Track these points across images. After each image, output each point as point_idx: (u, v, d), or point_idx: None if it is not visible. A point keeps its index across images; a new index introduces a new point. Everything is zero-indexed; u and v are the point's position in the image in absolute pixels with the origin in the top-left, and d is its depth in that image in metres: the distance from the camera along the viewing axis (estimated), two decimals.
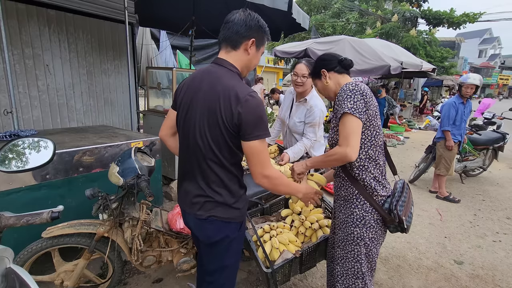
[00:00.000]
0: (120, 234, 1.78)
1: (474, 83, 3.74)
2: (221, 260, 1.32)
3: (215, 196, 1.22)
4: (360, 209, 1.40)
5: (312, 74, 1.58)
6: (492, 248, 2.94)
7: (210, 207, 1.23)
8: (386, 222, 1.38)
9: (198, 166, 1.22)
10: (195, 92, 1.20)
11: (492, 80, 36.99)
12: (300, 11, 3.90)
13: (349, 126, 1.30)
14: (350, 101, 1.30)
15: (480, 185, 4.86)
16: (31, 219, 0.90)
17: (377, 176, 1.39)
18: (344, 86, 1.36)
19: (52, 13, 3.51)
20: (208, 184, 1.22)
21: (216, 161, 1.18)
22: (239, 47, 1.19)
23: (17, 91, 3.33)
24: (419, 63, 6.88)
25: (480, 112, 7.22)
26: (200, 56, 7.10)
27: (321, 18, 14.01)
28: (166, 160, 3.69)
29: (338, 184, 1.53)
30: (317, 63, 1.54)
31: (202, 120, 1.16)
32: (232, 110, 1.10)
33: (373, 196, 1.39)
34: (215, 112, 1.12)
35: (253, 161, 1.16)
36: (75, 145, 2.14)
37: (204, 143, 1.17)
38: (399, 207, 1.35)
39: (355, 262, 1.43)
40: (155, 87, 4.14)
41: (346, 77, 1.50)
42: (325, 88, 1.52)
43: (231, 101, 1.10)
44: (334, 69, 1.48)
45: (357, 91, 1.32)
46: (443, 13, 13.45)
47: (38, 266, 1.76)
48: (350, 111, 1.29)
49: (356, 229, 1.40)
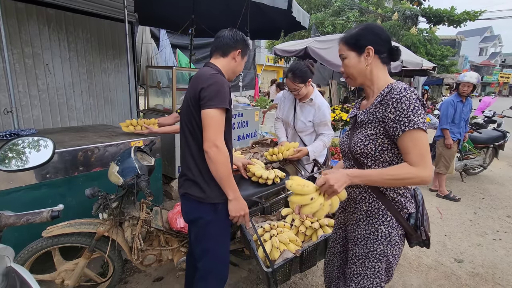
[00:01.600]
0: (120, 233, 1.78)
1: (470, 81, 3.74)
2: (201, 242, 1.47)
3: (188, 173, 1.43)
4: (387, 226, 1.23)
5: (351, 43, 1.21)
6: (492, 247, 2.94)
7: (187, 185, 1.44)
8: (412, 238, 1.27)
9: (184, 147, 1.46)
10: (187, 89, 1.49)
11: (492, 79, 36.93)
12: (300, 10, 3.89)
13: (426, 145, 1.10)
14: (420, 113, 1.09)
15: (480, 183, 4.86)
16: (31, 218, 0.90)
17: (404, 192, 1.25)
18: (406, 93, 1.10)
19: (51, 12, 3.51)
20: (185, 162, 1.46)
21: (193, 141, 1.39)
22: (227, 55, 1.48)
23: (17, 90, 3.33)
24: (420, 61, 6.85)
25: (480, 111, 7.21)
26: (200, 55, 7.09)
27: (321, 17, 13.97)
28: (166, 159, 3.69)
29: (357, 196, 1.29)
30: (365, 33, 1.19)
31: (187, 105, 1.40)
32: (197, 87, 1.32)
33: (401, 212, 1.24)
34: (191, 94, 1.36)
35: (207, 129, 1.29)
36: (75, 144, 2.14)
37: (187, 124, 1.40)
38: (425, 222, 1.25)
39: (375, 278, 1.30)
40: (155, 86, 4.13)
41: (386, 72, 1.23)
42: (359, 69, 1.20)
43: (198, 81, 1.35)
44: (381, 53, 1.19)
45: (421, 101, 1.12)
46: (444, 11, 13.40)
47: (38, 265, 1.76)
48: (424, 127, 1.08)
49: (380, 246, 1.25)
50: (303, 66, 2.22)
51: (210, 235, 1.44)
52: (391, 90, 1.14)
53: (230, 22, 4.37)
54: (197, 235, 1.48)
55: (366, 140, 1.20)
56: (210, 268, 1.49)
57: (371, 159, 1.21)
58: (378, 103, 1.18)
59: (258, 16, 4.25)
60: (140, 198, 1.83)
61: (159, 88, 4.06)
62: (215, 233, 1.46)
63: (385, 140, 1.17)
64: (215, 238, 1.46)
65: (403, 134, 1.09)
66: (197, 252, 1.51)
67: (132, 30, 4.49)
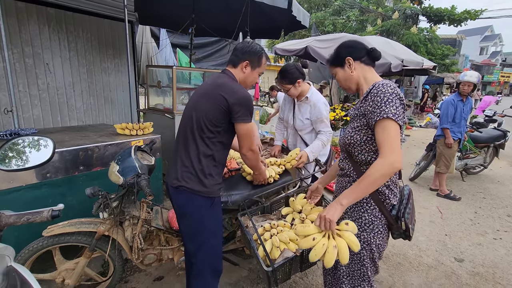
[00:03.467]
0: (121, 232, 1.79)
1: (470, 80, 3.73)
2: (196, 236, 1.53)
3: (186, 168, 1.49)
4: (370, 214, 1.34)
5: (333, 62, 1.42)
6: (492, 246, 2.94)
7: (186, 178, 1.48)
8: (392, 229, 1.35)
9: (185, 142, 1.52)
10: (201, 87, 1.60)
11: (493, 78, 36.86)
12: (300, 9, 3.88)
13: (393, 133, 1.18)
14: (392, 105, 1.19)
15: (481, 183, 4.85)
16: (32, 218, 0.90)
17: (390, 184, 1.34)
18: (382, 87, 1.23)
19: (51, 11, 3.50)
20: (183, 158, 1.51)
21: (200, 139, 1.47)
22: (237, 67, 1.57)
23: (17, 89, 3.33)
24: (420, 60, 6.84)
25: (481, 110, 7.20)
26: (200, 54, 7.07)
27: (322, 16, 13.94)
28: (166, 158, 3.69)
29: (345, 185, 1.43)
30: (341, 49, 1.38)
31: (201, 103, 1.49)
32: (225, 97, 1.42)
33: (384, 202, 1.33)
34: (216, 100, 1.44)
35: (245, 139, 1.50)
36: (75, 143, 2.14)
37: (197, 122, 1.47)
38: (407, 215, 1.32)
39: (361, 265, 1.41)
40: (155, 86, 4.13)
41: (373, 72, 1.36)
42: (347, 78, 1.37)
43: (223, 90, 1.45)
44: (361, 58, 1.34)
45: (397, 95, 1.21)
46: (444, 10, 13.37)
47: (39, 265, 1.76)
48: (394, 117, 1.17)
49: (363, 234, 1.36)
50: (291, 67, 2.27)
51: (204, 228, 1.51)
52: (373, 87, 1.27)
53: (230, 21, 4.37)
54: (191, 229, 1.53)
55: (353, 131, 1.35)
56: (205, 262, 1.55)
57: (358, 149, 1.33)
58: (363, 99, 1.32)
59: (258, 16, 4.24)
60: (141, 197, 1.83)
61: (159, 87, 4.06)
62: (209, 226, 1.52)
63: (369, 131, 1.28)
64: (209, 231, 1.53)
65: (375, 123, 1.21)
66: (191, 247, 1.56)
67: (132, 30, 4.48)
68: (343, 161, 1.47)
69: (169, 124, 3.58)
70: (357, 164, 1.36)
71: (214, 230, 1.56)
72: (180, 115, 3.60)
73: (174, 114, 3.56)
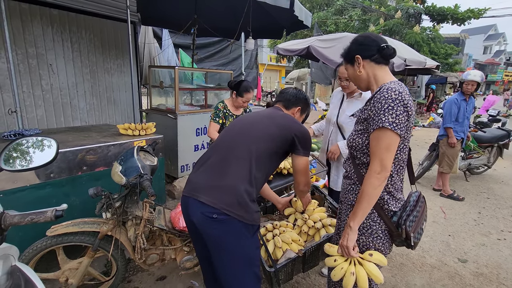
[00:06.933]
0: (124, 232, 1.79)
1: (474, 79, 3.70)
2: (234, 266, 1.33)
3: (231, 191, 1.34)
4: (368, 218, 1.29)
5: (345, 58, 1.36)
6: (496, 246, 2.92)
7: (228, 202, 1.34)
8: (393, 236, 1.31)
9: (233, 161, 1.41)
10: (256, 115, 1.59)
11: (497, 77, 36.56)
12: (302, 9, 3.87)
13: (385, 143, 1.14)
14: (392, 113, 1.13)
15: (484, 183, 4.82)
16: (35, 218, 0.91)
17: (392, 190, 1.28)
18: (386, 92, 1.16)
19: (55, 12, 3.53)
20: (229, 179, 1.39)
21: (255, 164, 1.38)
22: (289, 110, 1.64)
23: (21, 90, 3.36)
24: (423, 60, 6.79)
25: (484, 109, 7.15)
26: (203, 54, 7.07)
27: (324, 15, 13.91)
28: (169, 158, 3.70)
29: (347, 187, 1.41)
30: (352, 46, 1.31)
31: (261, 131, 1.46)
32: (290, 129, 1.46)
33: (383, 208, 1.28)
34: (282, 129, 1.46)
35: (303, 171, 1.52)
36: (78, 144, 2.15)
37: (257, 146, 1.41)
38: (409, 223, 1.25)
39: None
40: (157, 86, 4.15)
41: (385, 70, 1.27)
42: (356, 77, 1.31)
43: (289, 122, 1.50)
44: (371, 57, 1.25)
45: (400, 101, 1.13)
46: (447, 9, 13.30)
47: (43, 264, 1.77)
48: (390, 127, 1.12)
49: (362, 237, 1.33)
50: None
51: (244, 257, 1.34)
52: (379, 90, 1.22)
53: (232, 21, 4.38)
54: (227, 256, 1.32)
55: (355, 134, 1.34)
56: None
57: (359, 152, 1.32)
58: (369, 102, 1.28)
59: (260, 15, 4.24)
60: (143, 197, 1.84)
61: (161, 87, 4.07)
62: (251, 253, 1.37)
63: (370, 136, 1.25)
64: (249, 261, 1.36)
65: (372, 132, 1.19)
66: (227, 278, 1.34)
67: (135, 30, 4.50)
68: (346, 162, 1.47)
69: (172, 124, 3.59)
70: (358, 166, 1.35)
71: (254, 260, 1.40)
72: (182, 115, 3.62)
73: (177, 114, 3.57)
